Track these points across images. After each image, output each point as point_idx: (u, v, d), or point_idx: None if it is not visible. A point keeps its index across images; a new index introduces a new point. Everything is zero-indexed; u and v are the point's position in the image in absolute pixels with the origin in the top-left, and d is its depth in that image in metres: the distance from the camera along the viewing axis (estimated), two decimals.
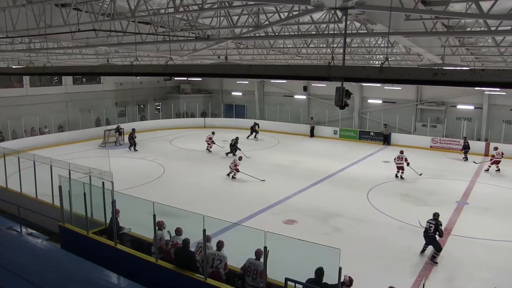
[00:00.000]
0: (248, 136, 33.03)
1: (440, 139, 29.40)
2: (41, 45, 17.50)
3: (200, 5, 10.89)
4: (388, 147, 30.34)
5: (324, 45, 19.46)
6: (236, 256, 9.58)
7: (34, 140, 28.78)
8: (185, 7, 11.85)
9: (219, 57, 22.37)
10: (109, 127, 32.40)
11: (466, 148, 26.33)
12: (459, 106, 30.61)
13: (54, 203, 14.22)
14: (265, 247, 7.92)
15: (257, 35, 14.75)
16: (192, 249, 10.23)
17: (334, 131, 33.98)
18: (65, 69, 18.00)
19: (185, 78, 41.82)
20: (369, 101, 34.65)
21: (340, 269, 7.30)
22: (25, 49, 18.19)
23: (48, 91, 33.14)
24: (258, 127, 33.72)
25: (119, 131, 30.71)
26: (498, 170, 23.13)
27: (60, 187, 12.12)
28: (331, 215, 15.92)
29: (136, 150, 27.95)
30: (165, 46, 17.18)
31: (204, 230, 8.72)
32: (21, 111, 29.33)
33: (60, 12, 12.38)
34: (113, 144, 29.97)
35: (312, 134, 34.77)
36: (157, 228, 10.01)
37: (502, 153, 23.02)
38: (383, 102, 34.00)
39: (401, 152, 21.99)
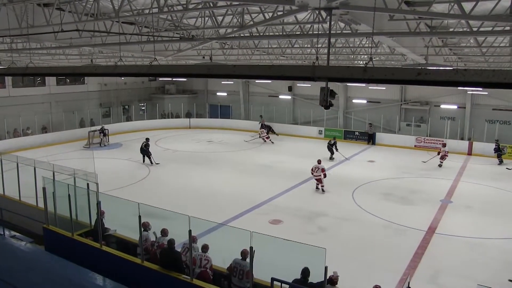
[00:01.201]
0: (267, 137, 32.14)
1: (424, 139, 29.72)
2: (24, 45, 17.30)
3: (185, 5, 10.89)
4: (373, 147, 30.60)
5: (309, 45, 19.54)
6: (222, 257, 9.59)
7: (17, 141, 28.42)
8: (170, 7, 11.82)
9: (203, 57, 22.33)
10: (93, 128, 32.15)
11: (498, 151, 25.86)
12: (442, 106, 30.98)
13: (38, 205, 14.07)
14: (251, 247, 7.94)
15: (241, 35, 14.76)
16: (178, 249, 10.21)
17: (319, 131, 34.12)
18: (48, 70, 17.84)
19: (170, 79, 41.73)
20: (354, 101, 34.87)
21: (326, 268, 7.35)
22: (6, 49, 17.96)
23: (31, 92, 32.74)
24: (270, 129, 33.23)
25: (103, 132, 30.48)
26: (441, 165, 23.94)
27: (44, 188, 12.00)
28: (316, 215, 16.00)
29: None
30: (150, 47, 17.09)
31: (190, 231, 8.71)
32: (3, 112, 28.94)
33: (42, 11, 12.25)
34: (97, 145, 29.73)
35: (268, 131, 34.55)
36: (142, 229, 9.97)
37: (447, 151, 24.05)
38: (368, 102, 34.25)
39: (319, 162, 19.52)
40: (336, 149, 26.05)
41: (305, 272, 8.07)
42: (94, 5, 11.56)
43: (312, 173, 19.20)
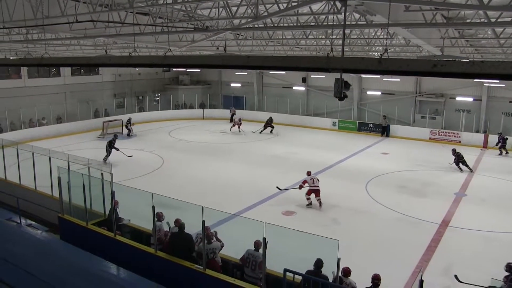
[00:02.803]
0: (261, 131, 32.08)
1: (439, 131, 29.43)
2: (39, 36, 17.44)
3: None
4: (387, 139, 30.38)
5: (323, 37, 19.40)
6: (235, 247, 9.62)
7: (32, 131, 28.73)
8: None
9: (217, 48, 22.31)
10: (108, 118, 32.38)
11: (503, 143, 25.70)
12: (458, 98, 30.58)
13: (53, 195, 14.22)
14: (264, 238, 7.94)
15: (256, 26, 14.70)
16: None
17: (333, 122, 33.97)
18: (63, 60, 17.93)
19: (184, 70, 41.77)
20: (368, 92, 34.59)
21: (338, 260, 7.34)
22: (22, 40, 18.13)
23: (46, 83, 33.09)
24: (271, 121, 32.92)
25: (130, 122, 30.69)
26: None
27: (59, 178, 12.13)
28: (329, 207, 15.95)
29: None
30: (164, 37, 17.12)
31: (203, 222, 8.74)
32: (19, 103, 29.25)
33: (57, 2, 12.31)
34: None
35: (231, 121, 34.91)
36: (156, 219, 10.03)
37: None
38: (382, 93, 33.94)
39: (308, 173, 16.57)
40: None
41: (319, 263, 8.06)
42: None
43: (310, 184, 16.03)
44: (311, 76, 37.18)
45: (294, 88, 38.48)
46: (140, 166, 21.71)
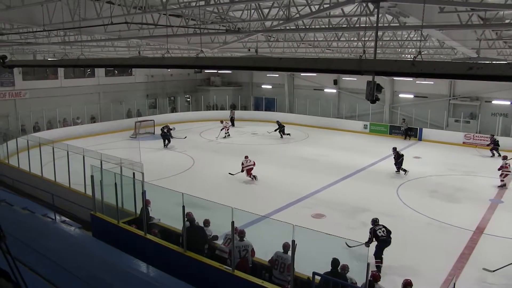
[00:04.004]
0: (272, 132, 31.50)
1: (473, 135, 28.66)
2: (75, 38, 17.85)
3: None
4: (419, 143, 29.83)
5: (355, 39, 19.22)
6: (264, 249, 9.62)
7: (67, 130, 29.45)
8: (216, 0, 11.87)
9: (249, 50, 22.36)
10: (140, 118, 32.89)
11: (495, 145, 25.54)
12: (494, 102, 29.71)
13: (86, 192, 14.55)
14: (293, 241, 7.92)
15: (287, 28, 14.69)
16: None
17: (364, 125, 33.59)
18: (97, 61, 18.33)
19: (215, 71, 42.02)
20: (400, 95, 34.07)
21: (368, 264, 7.25)
22: (60, 42, 18.61)
23: (81, 83, 33.89)
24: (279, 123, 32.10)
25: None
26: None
27: (92, 176, 12.38)
28: (359, 210, 15.78)
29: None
30: (196, 39, 17.25)
31: (233, 222, 8.77)
32: (55, 102, 30.06)
33: (93, 5, 12.60)
34: (144, 136, 30.38)
35: (232, 124, 35.04)
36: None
37: None
38: (415, 96, 33.36)
39: (246, 157, 19.92)
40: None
41: (335, 262, 8.02)
42: None
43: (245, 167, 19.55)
44: (343, 78, 36.87)
45: (325, 90, 38.23)
46: (171, 166, 21.97)
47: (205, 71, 42.48)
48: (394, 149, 21.77)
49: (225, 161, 23.22)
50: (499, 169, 19.32)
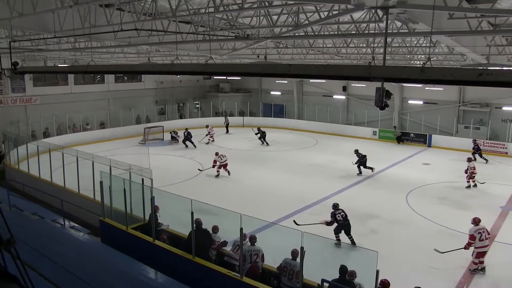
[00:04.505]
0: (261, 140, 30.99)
1: (483, 142, 28.38)
2: (86, 44, 18.00)
3: (240, 5, 10.94)
4: (429, 149, 29.66)
5: (364, 45, 19.20)
6: (272, 256, 9.58)
7: (77, 136, 29.64)
8: (225, 7, 11.92)
9: (258, 56, 22.41)
10: (149, 124, 33.02)
11: (478, 151, 25.59)
12: (504, 108, 29.46)
13: (95, 198, 14.61)
14: (302, 248, 7.89)
15: (296, 34, 14.71)
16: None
17: (374, 132, 33.48)
18: (107, 68, 18.43)
19: (225, 77, 42.12)
20: (410, 101, 33.94)
21: (377, 272, 7.19)
22: (70, 48, 18.78)
23: (91, 89, 34.18)
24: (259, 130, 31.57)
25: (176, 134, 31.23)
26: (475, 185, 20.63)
27: (101, 182, 12.43)
28: (368, 217, 15.70)
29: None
30: (205, 45, 17.33)
31: (241, 229, 8.76)
32: (65, 108, 30.32)
33: (104, 12, 12.72)
34: (153, 142, 30.48)
35: (227, 131, 35.26)
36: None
37: None
38: (424, 103, 33.21)
39: (216, 154, 21.78)
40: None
41: (343, 269, 7.96)
42: (152, 5, 11.85)
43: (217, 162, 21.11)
44: (352, 84, 36.81)
45: (334, 96, 38.18)
46: (180, 172, 22.00)
47: (214, 77, 42.61)
48: (356, 151, 22.62)
49: (233, 168, 23.19)
50: (466, 172, 19.89)
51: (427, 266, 11.92)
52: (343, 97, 37.67)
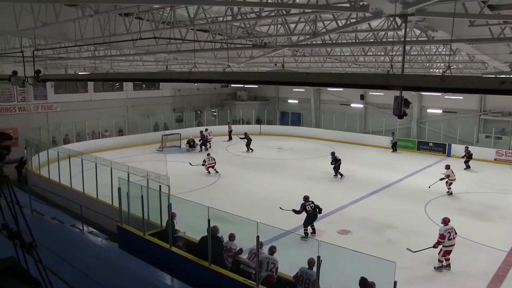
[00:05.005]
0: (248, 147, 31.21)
1: (506, 152, 27.93)
2: (105, 53, 18.27)
3: (258, 13, 11.02)
4: (448, 159, 29.26)
5: (382, 53, 19.11)
6: (289, 264, 9.55)
7: (96, 143, 30.00)
8: (243, 15, 12.02)
9: (275, 64, 22.47)
10: (167, 132, 33.27)
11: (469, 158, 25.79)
12: None
13: (113, 204, 14.74)
14: (318, 257, 7.85)
15: (314, 42, 14.73)
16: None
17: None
18: (126, 75, 18.65)
19: (242, 85, 42.27)
20: (428, 110, 33.63)
21: (395, 283, 7.11)
22: (90, 57, 19.08)
23: (110, 96, 34.63)
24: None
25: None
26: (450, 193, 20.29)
27: (119, 189, 12.55)
28: (385, 227, 15.54)
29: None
30: (223, 54, 17.44)
31: (258, 237, 8.75)
32: (85, 115, 30.74)
33: (123, 21, 12.90)
34: (171, 149, 30.69)
35: (230, 138, 35.03)
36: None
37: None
38: (444, 111, 32.87)
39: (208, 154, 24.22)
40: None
41: (363, 281, 7.89)
42: (170, 14, 11.99)
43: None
44: (369, 93, 36.61)
45: (352, 105, 38.05)
46: (197, 179, 22.09)
47: (232, 85, 42.82)
48: (333, 153, 23.41)
49: (250, 176, 23.26)
50: (443, 179, 20.05)
51: (447, 278, 11.74)
52: (361, 105, 37.50)
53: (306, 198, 14.88)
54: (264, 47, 14.69)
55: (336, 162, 22.82)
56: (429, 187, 20.21)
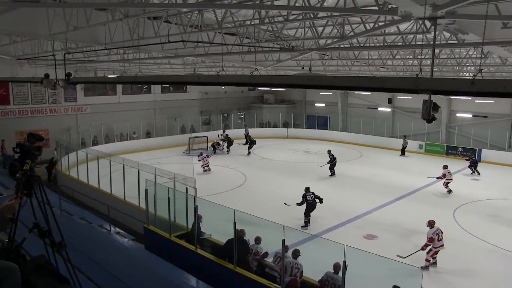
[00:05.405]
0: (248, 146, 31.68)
1: None
2: (134, 56, 18.53)
3: (285, 17, 11.00)
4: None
5: (411, 57, 18.85)
6: (314, 269, 9.49)
7: (124, 145, 30.46)
8: (270, 19, 12.01)
9: (303, 68, 22.40)
10: (194, 134, 33.52)
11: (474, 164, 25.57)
12: None
13: (140, 205, 14.92)
14: (344, 261, 7.77)
15: (341, 46, 14.60)
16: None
17: (420, 145, 32.68)
18: (154, 78, 18.86)
19: (269, 88, 42.29)
20: (458, 114, 32.98)
21: None
22: (119, 60, 19.37)
23: (138, 99, 35.09)
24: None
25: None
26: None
27: (146, 190, 12.69)
28: (412, 232, 15.26)
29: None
30: (250, 57, 17.49)
31: (283, 241, 8.73)
32: (113, 117, 31.26)
33: (152, 24, 13.06)
34: (197, 151, 30.87)
35: (247, 141, 33.63)
36: (254, 242, 10.20)
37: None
38: (474, 116, 32.18)
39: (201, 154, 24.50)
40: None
41: None
42: (198, 17, 12.09)
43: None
44: (397, 97, 36.19)
45: (380, 109, 37.64)
46: (224, 182, 22.17)
47: (259, 88, 42.86)
48: (329, 151, 24.34)
49: (276, 179, 23.21)
50: (440, 178, 20.69)
51: (483, 285, 11.44)
52: (389, 109, 37.07)
53: (307, 189, 16.05)
54: (291, 51, 14.66)
55: (332, 160, 23.67)
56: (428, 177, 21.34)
